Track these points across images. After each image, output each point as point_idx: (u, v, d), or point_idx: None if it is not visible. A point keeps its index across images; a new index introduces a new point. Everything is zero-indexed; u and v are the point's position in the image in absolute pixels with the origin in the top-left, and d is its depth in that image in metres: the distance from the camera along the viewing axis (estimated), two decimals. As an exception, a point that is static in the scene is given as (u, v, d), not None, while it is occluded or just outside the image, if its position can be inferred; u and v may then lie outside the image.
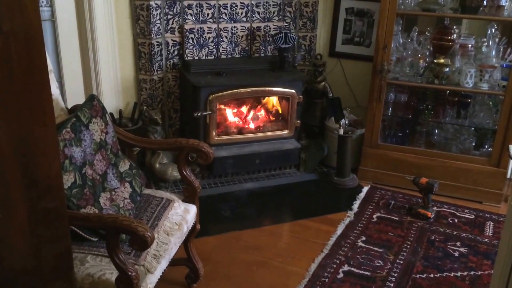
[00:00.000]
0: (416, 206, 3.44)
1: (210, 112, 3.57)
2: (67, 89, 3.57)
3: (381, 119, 3.71)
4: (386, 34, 3.47)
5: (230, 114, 3.92)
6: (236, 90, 3.61)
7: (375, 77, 3.58)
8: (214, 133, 3.68)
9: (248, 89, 3.65)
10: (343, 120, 3.87)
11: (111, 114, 3.70)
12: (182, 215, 2.42)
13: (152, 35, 3.64)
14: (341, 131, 3.75)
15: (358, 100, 4.26)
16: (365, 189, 3.77)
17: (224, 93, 3.58)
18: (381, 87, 3.58)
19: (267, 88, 3.71)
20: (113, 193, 2.29)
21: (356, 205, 3.55)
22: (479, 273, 2.87)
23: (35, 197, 1.61)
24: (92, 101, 2.34)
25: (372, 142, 3.78)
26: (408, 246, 3.09)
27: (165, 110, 3.97)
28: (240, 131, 3.87)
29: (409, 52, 3.64)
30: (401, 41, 3.70)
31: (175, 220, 2.37)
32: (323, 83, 4.11)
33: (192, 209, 2.51)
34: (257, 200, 3.64)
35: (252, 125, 3.94)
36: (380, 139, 3.79)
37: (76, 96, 3.57)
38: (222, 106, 3.82)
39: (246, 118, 3.96)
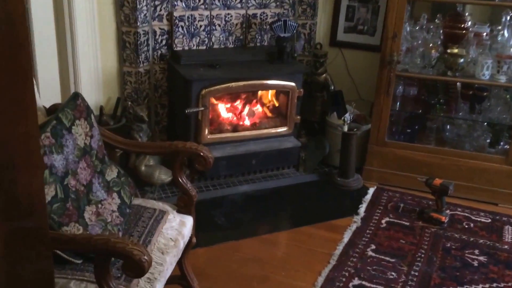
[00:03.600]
0: (428, 210, 3.29)
1: (203, 108, 3.37)
2: (41, 83, 3.32)
3: (389, 114, 3.55)
4: (396, 21, 3.29)
5: (223, 109, 3.73)
6: (231, 84, 3.41)
7: (383, 68, 3.41)
8: (206, 131, 3.49)
9: (245, 83, 3.45)
10: (347, 115, 3.70)
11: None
12: (178, 228, 2.23)
13: (138, 23, 3.42)
14: (345, 128, 3.57)
15: (361, 93, 4.10)
16: (371, 191, 3.61)
17: (218, 87, 3.38)
18: (390, 79, 3.41)
19: (264, 81, 3.53)
20: (100, 206, 2.09)
21: (362, 209, 3.39)
22: (502, 285, 2.73)
23: (13, 217, 1.41)
24: (76, 100, 2.13)
25: (379, 139, 3.61)
26: (423, 255, 2.94)
27: (151, 105, 3.76)
28: (235, 128, 3.68)
29: (420, 42, 3.46)
30: (408, 29, 3.52)
31: (171, 235, 2.18)
32: (324, 75, 3.93)
33: (189, 221, 2.32)
34: (254, 205, 3.46)
35: (247, 122, 3.75)
36: (387, 136, 3.62)
37: (51, 91, 3.36)
38: (215, 101, 3.62)
39: (241, 114, 3.77)
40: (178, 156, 2.29)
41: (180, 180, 2.33)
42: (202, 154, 2.24)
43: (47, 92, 3.32)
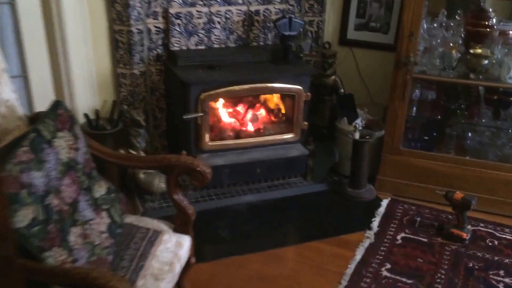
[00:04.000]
0: (448, 225, 3.13)
1: (202, 114, 3.22)
2: (34, 87, 3.21)
3: (404, 120, 3.38)
4: (412, 18, 3.12)
5: (225, 114, 3.58)
6: (232, 87, 3.25)
7: (398, 70, 3.25)
8: (207, 138, 3.33)
9: (247, 86, 3.29)
10: (358, 121, 3.54)
11: (86, 115, 3.35)
12: (174, 250, 2.08)
13: (131, 21, 3.26)
14: (357, 135, 3.41)
15: (373, 96, 3.94)
16: (385, 203, 3.46)
17: (218, 90, 3.23)
18: (406, 82, 3.24)
19: (269, 85, 3.37)
20: (87, 226, 1.94)
21: (375, 223, 3.23)
22: (531, 310, 2.57)
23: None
24: (57, 109, 1.98)
25: (393, 147, 3.45)
26: (443, 276, 2.77)
27: (148, 109, 3.61)
28: (238, 135, 3.53)
29: (438, 41, 3.29)
30: (425, 26, 3.35)
31: (166, 258, 2.03)
32: (333, 77, 3.77)
33: (186, 241, 2.17)
34: (259, 216, 3.32)
35: (251, 127, 3.60)
36: (402, 143, 3.46)
37: (44, 95, 3.23)
38: (215, 106, 3.47)
39: (243, 119, 3.61)
40: (172, 171, 2.14)
41: (176, 197, 2.19)
42: (198, 169, 2.08)
43: (41, 96, 3.22)
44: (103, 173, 3.23)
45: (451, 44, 3.27)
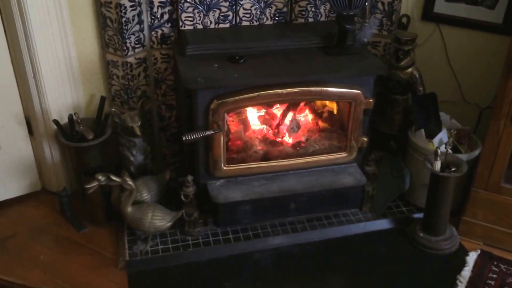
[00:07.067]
0: None
1: (211, 132, 2.34)
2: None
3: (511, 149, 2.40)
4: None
5: (253, 117, 2.72)
6: (259, 93, 2.34)
7: (509, 78, 2.23)
8: (222, 161, 2.47)
9: (282, 91, 2.36)
10: (442, 136, 2.58)
11: (56, 121, 2.58)
12: None
13: (122, -10, 2.40)
14: (438, 165, 2.44)
15: (465, 93, 2.93)
16: (472, 259, 2.54)
17: (237, 98, 2.33)
18: (520, 97, 2.24)
19: (312, 89, 2.41)
20: None
21: (458, 295, 2.34)
22: None
23: None
24: None
25: (490, 182, 2.49)
26: None
27: (152, 107, 2.79)
28: (267, 151, 2.63)
29: None
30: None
31: None
32: (409, 69, 2.78)
33: None
34: (292, 273, 2.47)
35: (288, 139, 2.71)
36: (504, 178, 2.48)
37: (3, 90, 2.60)
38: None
39: (279, 127, 2.72)
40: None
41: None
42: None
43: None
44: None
45: None
